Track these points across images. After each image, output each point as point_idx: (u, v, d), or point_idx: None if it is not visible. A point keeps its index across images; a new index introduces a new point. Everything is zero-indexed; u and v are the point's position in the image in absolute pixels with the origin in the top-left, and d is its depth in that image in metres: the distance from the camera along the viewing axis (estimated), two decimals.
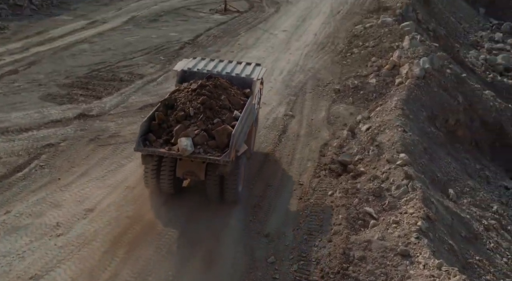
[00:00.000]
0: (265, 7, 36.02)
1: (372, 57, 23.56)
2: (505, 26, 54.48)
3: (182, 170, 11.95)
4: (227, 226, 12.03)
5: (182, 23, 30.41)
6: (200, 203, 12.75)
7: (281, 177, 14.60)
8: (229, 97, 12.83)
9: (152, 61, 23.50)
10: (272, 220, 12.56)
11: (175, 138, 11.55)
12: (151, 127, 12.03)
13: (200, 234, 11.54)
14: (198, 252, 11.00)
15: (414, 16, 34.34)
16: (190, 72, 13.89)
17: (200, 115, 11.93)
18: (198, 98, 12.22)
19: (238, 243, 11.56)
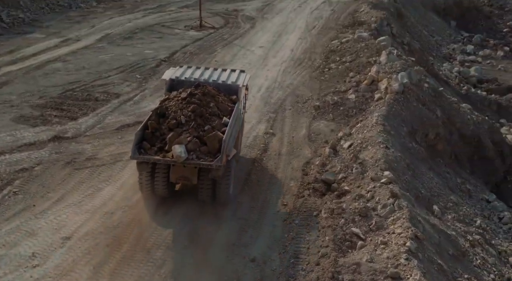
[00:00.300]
0: (240, 23, 35.88)
1: (350, 72, 23.51)
2: (476, 38, 55.47)
3: (176, 176, 12.59)
4: (210, 252, 11.64)
5: (157, 40, 30.02)
6: (182, 229, 12.39)
7: (264, 197, 14.27)
8: (217, 104, 13.48)
9: (128, 79, 23.06)
10: (258, 244, 12.22)
11: (168, 145, 12.15)
12: (145, 135, 12.65)
13: (184, 262, 11.14)
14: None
15: (389, 30, 34.59)
16: (178, 80, 14.50)
17: (192, 123, 12.52)
18: (189, 106, 12.79)
19: (223, 270, 11.17)
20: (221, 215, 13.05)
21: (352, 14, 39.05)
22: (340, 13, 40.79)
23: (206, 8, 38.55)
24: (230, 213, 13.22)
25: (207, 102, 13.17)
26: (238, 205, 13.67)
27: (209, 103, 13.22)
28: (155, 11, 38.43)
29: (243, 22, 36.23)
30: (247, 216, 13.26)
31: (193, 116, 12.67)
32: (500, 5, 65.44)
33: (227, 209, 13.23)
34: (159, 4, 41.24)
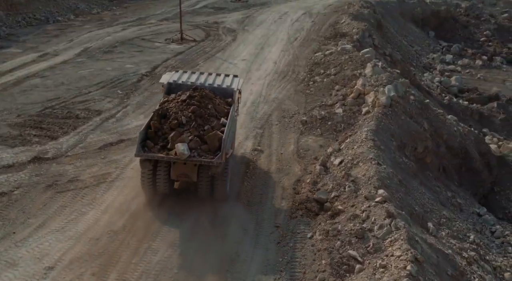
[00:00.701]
0: (221, 35, 35.46)
1: (336, 86, 23.21)
2: (454, 48, 55.90)
3: (176, 173, 13.23)
4: (203, 279, 11.09)
5: (137, 54, 29.42)
6: (171, 256, 11.83)
7: (256, 219, 13.77)
8: (215, 106, 14.29)
9: (109, 95, 22.41)
10: (251, 269, 11.69)
11: (171, 144, 12.84)
12: (148, 135, 13.33)
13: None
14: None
15: (371, 41, 34.52)
16: (176, 84, 15.28)
17: (192, 123, 13.30)
18: (189, 108, 13.57)
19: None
20: (212, 241, 12.50)
21: (333, 26, 38.95)
22: (321, 24, 40.69)
23: (186, 21, 38.16)
24: (221, 237, 12.67)
25: (205, 104, 13.97)
26: (229, 228, 13.13)
27: (207, 105, 14.01)
28: (134, 24, 37.83)
29: (224, 34, 35.83)
30: (239, 239, 12.73)
31: (193, 117, 13.44)
32: (476, 15, 66.24)
33: (218, 233, 12.68)
34: (138, 17, 40.67)
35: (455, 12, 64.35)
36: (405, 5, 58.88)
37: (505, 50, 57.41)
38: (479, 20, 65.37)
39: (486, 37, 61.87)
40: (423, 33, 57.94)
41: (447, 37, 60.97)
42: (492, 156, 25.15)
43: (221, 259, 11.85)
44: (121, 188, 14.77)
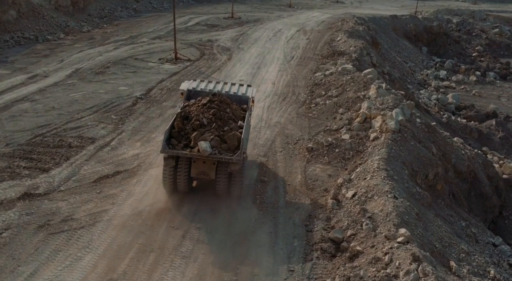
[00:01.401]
0: (216, 54, 34.43)
1: (339, 108, 22.23)
2: (448, 63, 55.43)
3: (196, 171, 14.22)
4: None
5: (131, 75, 28.25)
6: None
7: (267, 261, 12.59)
8: (232, 110, 15.37)
9: (103, 120, 21.19)
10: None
11: (193, 142, 13.94)
12: (172, 134, 14.40)
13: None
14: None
15: (369, 59, 33.68)
16: (195, 91, 16.44)
17: (213, 124, 14.39)
18: (209, 111, 14.71)
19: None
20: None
21: (329, 43, 38.15)
22: (316, 42, 39.85)
23: (179, 39, 37.14)
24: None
25: (224, 108, 15.10)
26: (239, 274, 11.93)
27: (225, 109, 15.13)
28: (126, 43, 36.69)
29: (219, 53, 34.81)
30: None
31: (214, 119, 14.55)
32: (467, 30, 66.09)
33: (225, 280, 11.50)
34: (130, 35, 39.54)
35: (447, 28, 64.09)
36: (397, 21, 58.46)
37: (498, 65, 57.07)
38: (471, 35, 65.22)
39: (478, 52, 61.60)
40: (416, 49, 57.45)
41: (439, 53, 60.61)
42: (500, 179, 24.24)
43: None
44: (120, 228, 13.53)
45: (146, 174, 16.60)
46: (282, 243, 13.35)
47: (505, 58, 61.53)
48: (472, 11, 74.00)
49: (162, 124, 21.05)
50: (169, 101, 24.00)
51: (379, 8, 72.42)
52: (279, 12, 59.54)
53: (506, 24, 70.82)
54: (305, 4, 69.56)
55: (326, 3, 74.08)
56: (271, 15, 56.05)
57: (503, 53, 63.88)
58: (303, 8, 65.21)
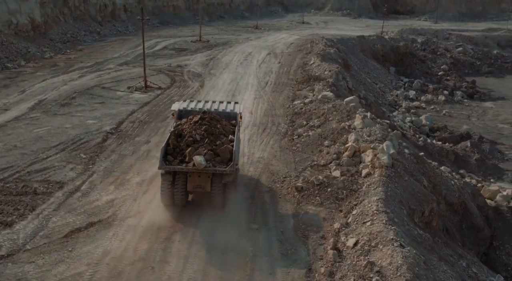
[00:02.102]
0: (188, 81, 32.87)
1: (325, 141, 20.91)
2: (416, 83, 55.29)
3: (192, 185, 14.89)
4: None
5: (99, 107, 26.37)
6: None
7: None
8: (222, 126, 16.14)
9: (71, 160, 19.29)
10: None
11: (188, 157, 14.64)
12: (168, 151, 15.02)
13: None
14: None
15: (345, 84, 32.72)
16: (186, 110, 17.22)
17: (205, 139, 15.15)
18: (201, 127, 15.48)
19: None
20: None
21: (302, 67, 37.13)
22: (289, 65, 38.79)
23: (148, 65, 35.40)
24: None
25: (214, 124, 15.84)
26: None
27: (216, 125, 15.89)
28: (92, 70, 34.79)
29: (190, 80, 33.25)
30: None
31: (206, 134, 15.31)
32: (432, 49, 66.48)
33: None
34: (96, 62, 37.65)
35: (412, 47, 64.22)
36: (365, 41, 58.19)
37: (464, 84, 57.26)
38: (436, 54, 65.61)
39: (443, 71, 61.87)
40: (384, 69, 57.19)
41: (407, 73, 60.57)
42: (489, 208, 23.34)
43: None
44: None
45: (123, 224, 14.81)
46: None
47: (470, 76, 62.00)
48: (435, 30, 74.66)
49: (137, 163, 19.30)
50: (142, 136, 22.24)
51: (344, 28, 72.33)
52: (246, 34, 58.50)
53: (468, 43, 71.64)
54: (271, 26, 68.84)
55: (292, 24, 73.59)
56: (239, 37, 54.93)
57: (467, 71, 64.40)
58: (270, 29, 64.40)
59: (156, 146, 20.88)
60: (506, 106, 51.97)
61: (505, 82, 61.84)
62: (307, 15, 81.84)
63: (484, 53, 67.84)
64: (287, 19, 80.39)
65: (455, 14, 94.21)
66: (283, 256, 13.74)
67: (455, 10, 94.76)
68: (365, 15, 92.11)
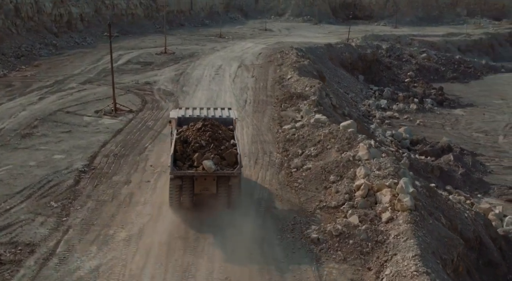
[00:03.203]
0: (160, 101, 29.84)
1: (330, 175, 18.47)
2: (386, 92, 53.86)
3: (199, 187, 15.52)
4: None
5: (66, 137, 23.08)
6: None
7: None
8: (223, 131, 16.79)
9: (40, 211, 16.14)
10: None
11: (196, 162, 15.32)
12: (176, 157, 15.52)
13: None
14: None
15: (329, 101, 30.47)
16: (184, 118, 17.68)
17: (211, 145, 15.85)
18: (205, 133, 16.17)
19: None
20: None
21: (279, 82, 34.72)
22: (264, 80, 36.29)
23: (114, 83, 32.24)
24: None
25: (216, 130, 16.50)
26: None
27: (217, 130, 16.56)
28: (53, 90, 31.29)
29: (162, 100, 30.24)
30: None
31: (211, 140, 16.00)
32: (397, 56, 65.39)
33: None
34: (56, 80, 34.08)
35: (377, 54, 62.92)
36: (333, 49, 56.38)
37: (433, 91, 56.24)
38: (401, 61, 64.54)
39: (410, 78, 60.73)
40: (353, 78, 55.49)
41: (375, 80, 59.07)
42: (502, 238, 21.49)
43: None
44: None
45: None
46: None
47: (436, 82, 61.16)
48: (398, 36, 73.81)
49: (119, 212, 16.32)
50: (120, 174, 19.21)
51: (308, 35, 70.44)
52: (211, 43, 55.62)
53: (430, 48, 71.07)
54: (234, 34, 66.17)
55: (255, 31, 71.17)
56: (204, 47, 52.01)
57: (432, 77, 63.56)
58: (234, 38, 61.72)
59: (139, 188, 18.00)
60: (475, 113, 51.11)
61: (470, 87, 61.29)
62: (268, 22, 79.56)
63: (447, 59, 67.24)
64: (249, 26, 77.84)
65: (413, 18, 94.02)
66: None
67: (412, 15, 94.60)
68: (325, 20, 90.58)
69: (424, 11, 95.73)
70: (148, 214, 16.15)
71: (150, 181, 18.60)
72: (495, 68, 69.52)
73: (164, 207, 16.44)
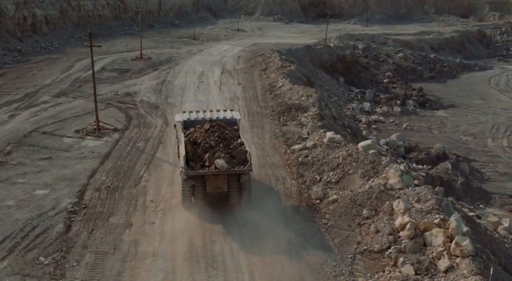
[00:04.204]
0: (146, 116, 26.74)
1: (362, 209, 15.97)
2: (368, 94, 52.05)
3: (211, 186, 15.88)
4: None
5: (46, 165, 19.84)
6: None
7: None
8: (229, 132, 17.46)
9: (28, 272, 13.06)
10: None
11: (208, 162, 15.69)
12: (188, 158, 15.78)
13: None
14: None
15: (329, 112, 28.00)
16: (190, 121, 18.34)
17: (220, 145, 16.33)
18: (214, 134, 16.75)
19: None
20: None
21: (270, 91, 32.14)
22: (252, 88, 33.66)
23: (90, 94, 29.06)
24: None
25: (223, 131, 17.10)
26: None
27: (224, 131, 17.16)
28: (24, 106, 27.79)
29: (148, 114, 27.15)
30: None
31: (220, 140, 16.53)
32: (374, 56, 63.65)
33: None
34: (26, 93, 30.47)
35: (356, 54, 61.02)
36: (312, 51, 54.07)
37: (414, 92, 54.69)
38: (378, 61, 62.79)
39: (388, 78, 59.04)
40: (334, 80, 53.34)
41: (355, 82, 57.07)
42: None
43: None
44: None
45: None
46: None
47: (414, 82, 59.73)
48: (372, 35, 72.14)
49: (126, 269, 13.36)
50: (117, 214, 16.18)
51: (282, 35, 67.91)
52: (186, 46, 52.45)
53: (404, 47, 69.71)
54: (208, 35, 63.03)
55: (228, 32, 68.15)
56: (180, 51, 48.83)
57: (410, 77, 62.08)
58: (208, 39, 58.60)
59: (144, 234, 15.07)
60: (458, 114, 49.72)
61: (448, 87, 60.06)
62: (238, 21, 76.55)
63: (423, 58, 65.90)
64: (220, 27, 74.64)
65: (382, 16, 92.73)
66: None
67: (382, 13, 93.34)
68: (295, 19, 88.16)
69: (393, 9, 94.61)
70: (161, 270, 13.29)
71: (154, 223, 15.68)
72: (469, 66, 68.61)
73: (178, 259, 13.62)
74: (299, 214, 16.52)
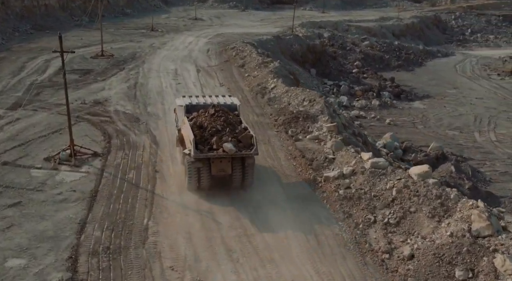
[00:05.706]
0: (128, 133, 21.70)
1: (453, 268, 12.12)
2: (343, 87, 48.60)
3: (216, 169, 16.07)
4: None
5: (17, 217, 14.68)
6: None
7: None
8: (232, 117, 17.64)
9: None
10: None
11: (216, 145, 15.93)
12: (196, 141, 15.93)
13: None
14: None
15: (339, 120, 24.00)
16: (192, 105, 18.31)
17: (226, 129, 16.58)
18: (219, 118, 16.95)
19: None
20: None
21: (261, 93, 27.83)
22: (239, 90, 29.58)
23: (50, 103, 23.81)
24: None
25: (227, 116, 17.29)
26: None
27: (228, 115, 17.39)
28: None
29: (130, 129, 22.12)
30: None
31: (226, 124, 16.76)
32: (340, 44, 60.33)
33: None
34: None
35: (324, 44, 57.30)
36: (281, 41, 49.90)
37: (388, 83, 51.72)
38: (345, 50, 59.55)
39: (357, 68, 55.84)
40: (306, 72, 49.33)
41: (326, 73, 53.40)
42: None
43: None
44: None
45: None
46: None
47: (382, 71, 56.99)
48: (335, 22, 68.57)
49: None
50: None
51: (242, 24, 63.19)
52: (146, 39, 46.85)
53: (367, 34, 66.70)
54: (165, 25, 57.27)
55: (186, 22, 62.57)
56: (141, 44, 43.28)
57: (378, 66, 59.20)
58: (168, 31, 52.96)
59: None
60: (436, 105, 47.11)
61: (418, 76, 57.51)
62: (193, 9, 70.88)
63: (388, 45, 63.04)
64: (175, 15, 68.71)
65: (338, 2, 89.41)
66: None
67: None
68: (250, 6, 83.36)
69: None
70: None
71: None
72: (432, 53, 66.53)
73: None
74: (371, 276, 12.41)
